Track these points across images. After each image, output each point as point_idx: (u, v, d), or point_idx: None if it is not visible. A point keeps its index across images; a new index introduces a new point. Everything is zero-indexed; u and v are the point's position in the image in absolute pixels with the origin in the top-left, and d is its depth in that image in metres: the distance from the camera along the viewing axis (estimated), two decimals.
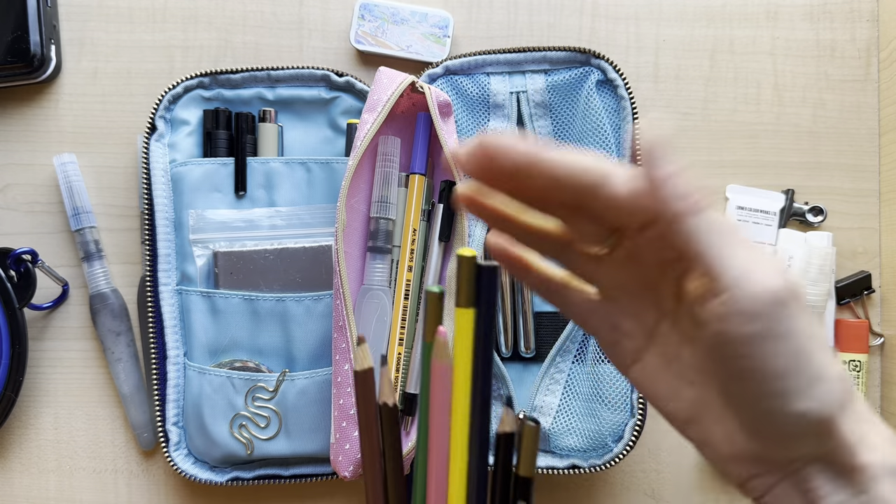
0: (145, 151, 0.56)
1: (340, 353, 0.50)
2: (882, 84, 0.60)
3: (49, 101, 0.60)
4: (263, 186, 0.57)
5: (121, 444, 0.60)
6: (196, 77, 0.57)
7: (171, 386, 0.56)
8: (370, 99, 0.52)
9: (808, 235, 0.58)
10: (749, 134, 0.60)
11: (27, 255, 0.57)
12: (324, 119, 0.58)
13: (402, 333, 0.53)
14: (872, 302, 0.60)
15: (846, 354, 0.58)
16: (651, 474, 0.59)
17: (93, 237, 0.59)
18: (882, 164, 0.60)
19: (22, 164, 0.60)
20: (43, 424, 0.60)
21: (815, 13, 0.60)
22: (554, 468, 0.55)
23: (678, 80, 0.60)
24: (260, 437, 0.55)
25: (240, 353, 0.55)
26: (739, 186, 0.60)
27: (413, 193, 0.54)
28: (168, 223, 0.56)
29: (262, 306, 0.55)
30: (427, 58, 0.59)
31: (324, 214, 0.57)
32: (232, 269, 0.55)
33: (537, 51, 0.56)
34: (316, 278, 0.56)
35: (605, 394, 0.54)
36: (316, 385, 0.55)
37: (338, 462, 0.51)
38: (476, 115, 0.57)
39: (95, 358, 0.60)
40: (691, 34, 0.60)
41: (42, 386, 0.60)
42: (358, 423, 0.39)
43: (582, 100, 0.55)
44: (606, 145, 0.54)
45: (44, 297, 0.59)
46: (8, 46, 0.57)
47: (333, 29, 0.61)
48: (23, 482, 0.60)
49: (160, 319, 0.56)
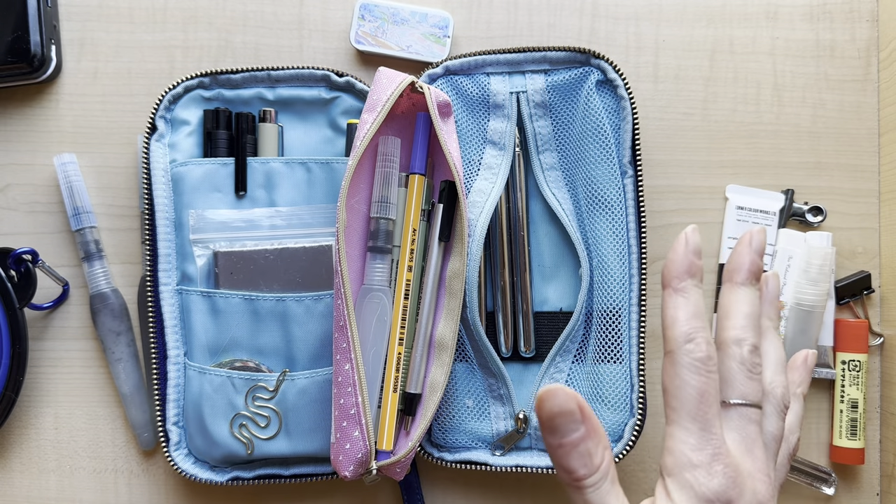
0: (145, 151, 0.56)
1: (341, 352, 0.50)
2: (882, 84, 0.60)
3: (49, 101, 0.60)
4: (263, 186, 0.57)
5: (121, 444, 0.60)
6: (196, 77, 0.57)
7: (171, 386, 0.56)
8: (370, 99, 0.52)
9: (808, 235, 0.58)
10: (749, 134, 0.60)
11: (27, 255, 0.57)
12: (324, 119, 0.59)
13: (402, 333, 0.53)
14: (872, 302, 0.60)
15: (846, 354, 0.58)
16: (651, 474, 0.60)
17: (93, 237, 0.59)
18: (882, 164, 0.60)
19: (22, 164, 0.60)
20: (43, 424, 0.60)
21: (815, 13, 0.60)
22: (554, 468, 0.55)
23: (678, 80, 0.60)
24: (260, 436, 0.55)
25: (240, 352, 0.55)
26: (739, 186, 0.60)
27: (413, 193, 0.54)
28: (168, 223, 0.56)
29: (263, 306, 0.55)
30: (427, 58, 0.59)
31: (324, 214, 0.57)
32: (232, 269, 0.56)
33: (537, 51, 0.56)
34: (316, 278, 0.56)
35: (605, 394, 0.54)
36: (316, 385, 0.55)
37: (338, 462, 0.51)
38: (476, 115, 0.57)
39: (95, 358, 0.60)
40: (691, 34, 0.60)
41: (42, 386, 0.60)
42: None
43: (582, 100, 0.55)
44: (606, 145, 0.54)
45: (44, 297, 0.59)
46: (8, 46, 0.57)
47: (333, 29, 0.61)
48: (23, 482, 0.60)
49: (160, 319, 0.56)
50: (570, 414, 0.34)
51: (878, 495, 0.59)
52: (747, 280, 0.38)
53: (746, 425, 0.36)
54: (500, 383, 0.56)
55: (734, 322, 0.37)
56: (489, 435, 0.56)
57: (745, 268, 0.38)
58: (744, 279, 0.38)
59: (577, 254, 0.55)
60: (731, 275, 0.39)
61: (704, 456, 0.34)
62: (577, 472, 0.35)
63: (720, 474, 0.34)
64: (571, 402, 0.34)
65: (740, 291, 0.38)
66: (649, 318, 0.59)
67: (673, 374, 0.35)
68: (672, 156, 0.60)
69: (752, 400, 0.36)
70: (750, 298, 0.38)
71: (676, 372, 0.35)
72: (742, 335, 0.37)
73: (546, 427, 0.34)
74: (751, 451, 0.35)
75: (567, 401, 0.34)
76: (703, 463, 0.34)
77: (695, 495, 0.33)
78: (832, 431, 0.59)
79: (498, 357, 0.55)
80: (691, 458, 0.34)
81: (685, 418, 0.35)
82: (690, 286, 0.37)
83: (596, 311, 0.55)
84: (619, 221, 0.55)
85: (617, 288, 0.54)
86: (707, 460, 0.34)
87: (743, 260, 0.38)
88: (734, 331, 0.37)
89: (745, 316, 0.37)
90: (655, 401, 0.59)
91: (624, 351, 0.54)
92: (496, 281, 0.57)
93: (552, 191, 0.57)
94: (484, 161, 0.57)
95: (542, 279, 0.58)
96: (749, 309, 0.37)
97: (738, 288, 0.38)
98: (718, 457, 0.34)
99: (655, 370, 0.59)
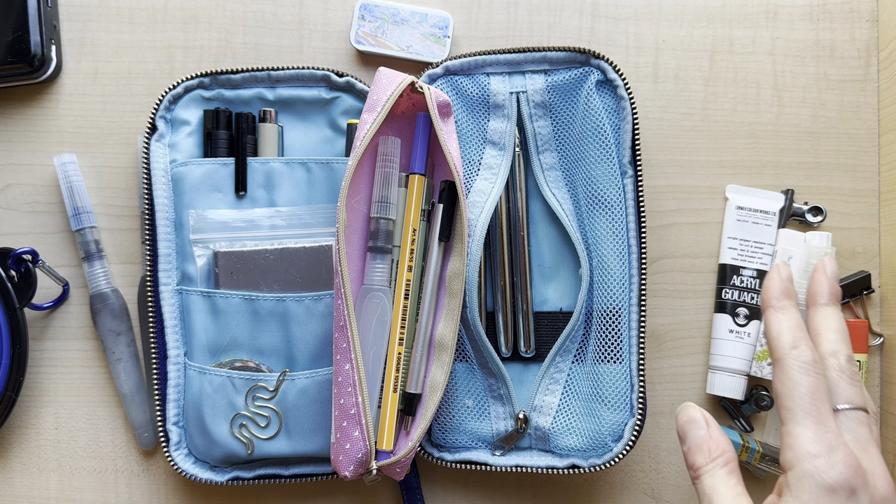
0: (146, 151, 0.56)
1: (341, 352, 0.50)
2: (882, 84, 0.60)
3: (49, 101, 0.60)
4: (264, 186, 0.57)
5: (121, 444, 0.60)
6: (196, 77, 0.57)
7: (171, 386, 0.56)
8: (370, 99, 0.52)
9: (808, 235, 0.58)
10: (749, 134, 0.60)
11: (28, 255, 0.57)
12: (324, 119, 0.59)
13: (402, 333, 0.53)
14: (872, 302, 0.60)
15: None
16: (651, 474, 0.60)
17: (93, 237, 0.59)
18: (881, 164, 0.60)
19: (22, 164, 0.60)
20: (43, 424, 0.60)
21: (815, 13, 0.60)
22: (554, 468, 0.55)
23: (678, 80, 0.60)
24: (260, 436, 0.55)
25: (240, 352, 0.55)
26: (739, 186, 0.60)
27: (413, 193, 0.54)
28: (168, 223, 0.56)
29: (263, 306, 0.55)
30: (427, 58, 0.59)
31: (324, 214, 0.57)
32: (232, 269, 0.56)
33: (537, 51, 0.56)
34: (316, 278, 0.56)
35: (605, 393, 0.54)
36: (316, 385, 0.55)
37: (338, 462, 0.51)
38: (476, 115, 0.57)
39: (96, 358, 0.60)
40: (691, 34, 0.60)
41: (42, 386, 0.60)
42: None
43: (582, 100, 0.55)
44: (606, 145, 0.54)
45: (44, 297, 0.59)
46: (8, 46, 0.57)
47: (333, 29, 0.61)
48: (23, 482, 0.60)
49: (160, 319, 0.56)
50: (696, 421, 0.42)
51: None
52: (830, 301, 0.43)
53: (857, 427, 0.38)
54: (500, 383, 0.56)
55: (826, 337, 0.41)
56: (489, 435, 0.56)
57: (825, 290, 0.43)
58: (826, 300, 0.43)
59: (577, 254, 0.55)
60: (815, 297, 0.43)
61: (823, 446, 0.36)
62: (696, 463, 0.40)
63: (841, 463, 0.35)
64: (697, 413, 0.42)
65: (826, 311, 0.43)
66: (649, 319, 0.60)
67: (784, 378, 0.38)
68: (672, 156, 0.60)
69: (858, 404, 0.39)
70: (835, 315, 0.42)
71: (787, 375, 0.38)
72: (836, 347, 0.41)
73: (681, 436, 0.42)
74: (867, 450, 0.37)
75: (694, 411, 0.43)
76: (822, 453, 0.35)
77: (816, 485, 0.35)
78: None
79: (498, 357, 0.55)
80: (810, 449, 0.36)
81: (800, 415, 0.37)
82: (788, 305, 0.42)
83: (596, 311, 0.55)
84: (619, 221, 0.55)
85: (617, 288, 0.54)
86: (826, 450, 0.35)
87: (822, 285, 0.43)
88: (828, 344, 0.41)
89: (835, 331, 0.41)
90: (655, 401, 0.59)
91: (624, 351, 0.54)
92: (496, 281, 0.57)
93: (552, 191, 0.57)
94: (484, 161, 0.57)
95: (542, 279, 0.58)
96: (836, 324, 0.42)
97: (823, 308, 0.43)
98: (837, 447, 0.36)
99: (655, 370, 0.59)
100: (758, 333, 0.58)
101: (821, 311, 0.43)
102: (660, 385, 0.60)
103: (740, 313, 0.58)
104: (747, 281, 0.58)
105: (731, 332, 0.58)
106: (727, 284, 0.58)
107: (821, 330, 0.42)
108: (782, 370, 0.39)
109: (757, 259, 0.58)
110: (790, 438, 0.37)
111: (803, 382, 0.38)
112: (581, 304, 0.55)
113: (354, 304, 0.52)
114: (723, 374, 0.57)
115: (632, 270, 0.54)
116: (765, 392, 0.58)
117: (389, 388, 0.53)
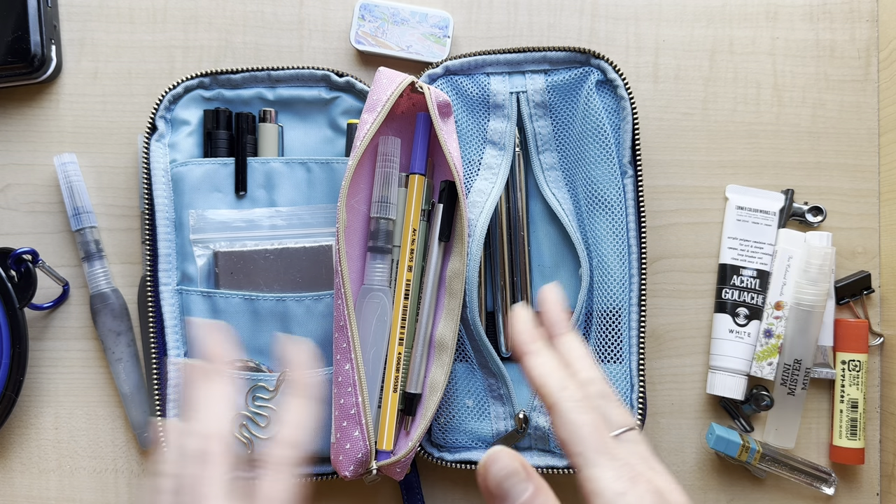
0: (146, 151, 0.56)
1: (341, 352, 0.50)
2: (882, 84, 0.60)
3: (49, 101, 0.60)
4: (264, 186, 0.57)
5: (121, 444, 0.60)
6: (196, 77, 0.57)
7: (171, 386, 0.56)
8: (370, 99, 0.52)
9: (808, 235, 0.58)
10: (749, 134, 0.60)
11: (28, 255, 0.57)
12: (324, 119, 0.59)
13: (402, 333, 0.53)
14: (872, 302, 0.60)
15: (846, 354, 0.58)
16: None
17: (93, 237, 0.59)
18: (881, 164, 0.60)
19: (22, 164, 0.60)
20: (43, 424, 0.60)
21: (815, 13, 0.60)
22: (554, 468, 0.55)
23: (678, 80, 0.60)
24: (260, 436, 0.55)
25: (240, 352, 0.55)
26: (739, 186, 0.60)
27: (413, 193, 0.54)
28: (168, 223, 0.56)
29: (263, 306, 0.55)
30: (427, 58, 0.59)
31: (324, 214, 0.57)
32: (232, 269, 0.56)
33: (537, 51, 0.56)
34: (316, 278, 0.56)
35: None
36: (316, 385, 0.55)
37: (338, 462, 0.51)
38: (476, 115, 0.57)
39: (96, 358, 0.60)
40: (691, 34, 0.60)
41: (42, 386, 0.60)
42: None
43: (582, 100, 0.55)
44: (606, 145, 0.54)
45: (44, 297, 0.59)
46: (8, 46, 0.57)
47: (333, 29, 0.61)
48: (23, 482, 0.60)
49: (160, 319, 0.56)
50: (517, 474, 0.35)
51: (878, 495, 0.59)
52: (567, 328, 0.42)
53: (637, 447, 0.37)
54: (500, 383, 0.56)
55: (578, 366, 0.40)
56: (489, 435, 0.56)
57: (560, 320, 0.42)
58: (563, 329, 0.42)
59: (577, 254, 0.55)
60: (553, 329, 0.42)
61: (625, 482, 0.34)
62: None
63: (646, 492, 0.34)
64: (515, 462, 0.36)
65: (567, 340, 0.41)
66: (649, 318, 0.60)
67: (564, 422, 0.37)
68: (672, 156, 0.60)
69: (628, 424, 0.38)
70: (576, 341, 0.41)
71: (567, 418, 0.37)
72: (590, 374, 0.39)
73: (497, 495, 0.35)
74: (653, 468, 0.36)
75: (511, 461, 0.35)
76: (627, 489, 0.34)
77: None
78: (832, 431, 0.59)
79: (498, 357, 0.55)
80: (615, 488, 0.34)
81: (592, 456, 0.35)
82: (541, 347, 0.40)
83: (596, 311, 0.55)
84: (619, 221, 0.55)
85: (617, 288, 0.54)
86: (629, 485, 0.34)
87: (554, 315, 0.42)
88: (583, 373, 0.39)
89: (582, 357, 0.40)
90: (655, 401, 0.59)
91: (624, 351, 0.54)
92: (496, 281, 0.57)
93: (552, 191, 0.57)
94: (484, 161, 0.57)
95: (542, 279, 0.58)
96: (581, 350, 0.41)
97: (564, 338, 0.42)
98: (637, 477, 0.35)
99: (655, 370, 0.59)
100: (758, 333, 0.58)
101: (564, 342, 0.41)
102: (660, 385, 0.60)
103: (740, 313, 0.58)
104: (747, 281, 0.58)
105: (731, 331, 0.58)
106: (727, 284, 0.58)
107: (570, 360, 0.40)
108: (559, 414, 0.37)
109: (757, 259, 0.58)
110: (593, 484, 0.35)
111: (584, 421, 0.36)
112: (581, 304, 0.55)
113: (354, 304, 0.52)
114: (723, 374, 0.57)
115: (632, 270, 0.54)
116: (765, 392, 0.58)
117: (389, 388, 0.53)
